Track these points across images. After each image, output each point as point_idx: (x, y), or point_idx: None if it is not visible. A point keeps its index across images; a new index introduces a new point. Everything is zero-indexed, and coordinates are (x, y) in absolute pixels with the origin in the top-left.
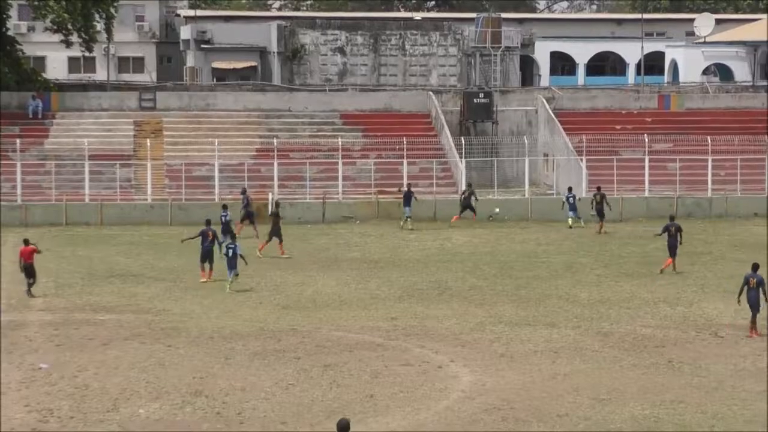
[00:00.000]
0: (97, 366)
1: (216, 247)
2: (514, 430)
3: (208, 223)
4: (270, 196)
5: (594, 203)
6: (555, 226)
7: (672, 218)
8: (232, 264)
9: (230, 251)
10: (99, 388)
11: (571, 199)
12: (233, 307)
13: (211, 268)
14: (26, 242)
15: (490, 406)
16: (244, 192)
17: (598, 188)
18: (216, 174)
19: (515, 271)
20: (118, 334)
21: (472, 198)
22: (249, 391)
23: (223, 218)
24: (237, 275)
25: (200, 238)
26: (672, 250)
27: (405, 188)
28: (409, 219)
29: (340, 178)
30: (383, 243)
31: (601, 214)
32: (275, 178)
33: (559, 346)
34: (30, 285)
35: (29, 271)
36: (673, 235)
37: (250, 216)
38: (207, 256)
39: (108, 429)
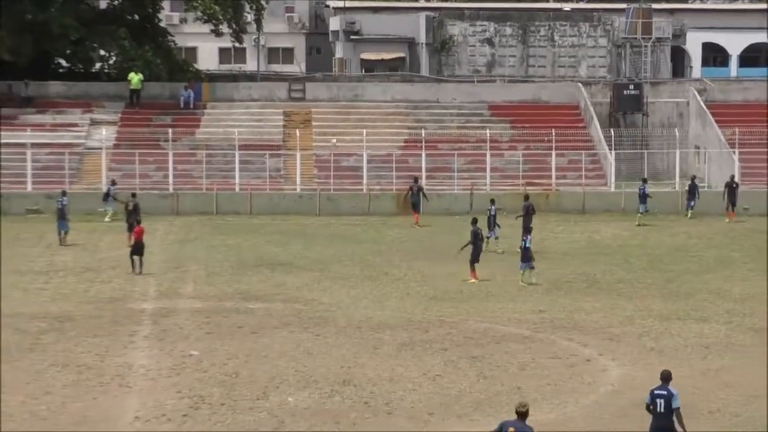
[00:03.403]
0: (246, 354)
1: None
2: None
3: (474, 222)
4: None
5: None
6: (706, 219)
7: None
8: (525, 257)
9: (523, 243)
10: (248, 375)
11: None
12: (381, 298)
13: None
14: (139, 222)
15: (639, 401)
16: (416, 180)
17: None
18: (364, 164)
19: (665, 265)
20: (267, 322)
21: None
22: (396, 381)
23: (489, 212)
24: (533, 268)
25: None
26: None
27: (642, 186)
28: (641, 215)
29: (487, 169)
30: None
31: None
32: (423, 169)
33: (710, 342)
34: (140, 263)
35: (140, 249)
36: None
37: (416, 205)
38: (479, 256)
39: (258, 416)
